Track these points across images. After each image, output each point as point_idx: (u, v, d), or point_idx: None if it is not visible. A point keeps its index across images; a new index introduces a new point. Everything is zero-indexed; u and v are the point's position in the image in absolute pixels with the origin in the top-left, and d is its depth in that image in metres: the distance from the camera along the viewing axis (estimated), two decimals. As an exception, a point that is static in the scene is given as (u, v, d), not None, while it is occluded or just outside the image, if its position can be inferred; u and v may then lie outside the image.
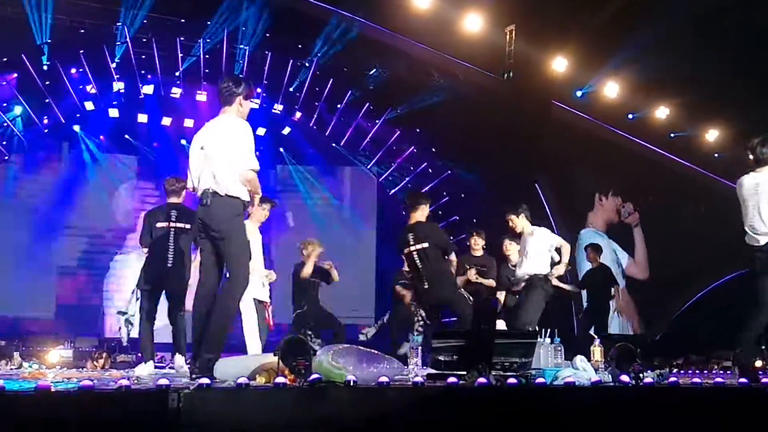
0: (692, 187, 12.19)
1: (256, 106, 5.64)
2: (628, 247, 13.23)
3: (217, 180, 4.45)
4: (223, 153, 4.55)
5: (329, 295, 8.68)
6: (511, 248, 8.02)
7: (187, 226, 6.32)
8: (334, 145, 14.52)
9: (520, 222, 6.94)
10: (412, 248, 6.75)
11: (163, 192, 7.00)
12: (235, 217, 4.48)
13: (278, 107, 13.65)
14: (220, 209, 4.43)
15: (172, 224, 6.46)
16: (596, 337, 5.07)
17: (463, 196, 13.61)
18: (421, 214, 6.93)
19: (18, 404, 2.87)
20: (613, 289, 9.63)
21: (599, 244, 10.23)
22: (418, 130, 13.77)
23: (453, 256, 7.11)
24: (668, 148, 12.34)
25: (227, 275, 4.50)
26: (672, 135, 12.21)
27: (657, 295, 12.54)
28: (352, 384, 3.44)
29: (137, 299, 6.92)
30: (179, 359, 6.39)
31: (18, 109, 12.01)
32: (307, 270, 8.02)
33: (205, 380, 3.30)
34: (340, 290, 8.86)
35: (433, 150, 13.94)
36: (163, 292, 6.49)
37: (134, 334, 8.41)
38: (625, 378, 3.99)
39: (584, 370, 4.23)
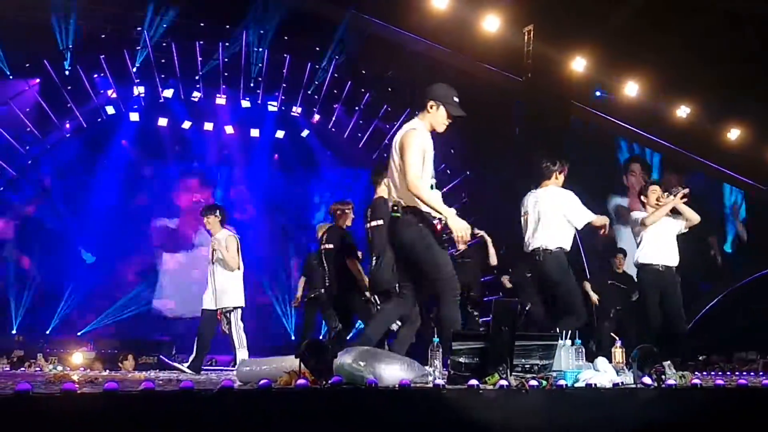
0: (714, 185, 12.09)
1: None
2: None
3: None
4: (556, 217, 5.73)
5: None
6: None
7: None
8: (351, 147, 14.57)
9: None
10: (367, 225, 6.52)
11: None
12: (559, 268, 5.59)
13: (297, 110, 13.71)
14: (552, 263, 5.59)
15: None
16: (617, 338, 5.03)
17: (481, 197, 13.58)
18: (384, 189, 6.68)
19: (45, 406, 2.91)
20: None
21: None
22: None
23: None
24: (690, 147, 12.25)
25: None
26: (691, 133, 12.12)
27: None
28: (373, 386, 3.46)
29: None
30: None
31: (41, 113, 12.16)
32: None
33: (228, 382, 3.33)
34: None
35: (452, 151, 13.92)
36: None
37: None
38: (647, 380, 3.97)
39: (605, 372, 4.22)
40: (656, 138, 11.94)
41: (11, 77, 11.21)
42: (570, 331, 4.76)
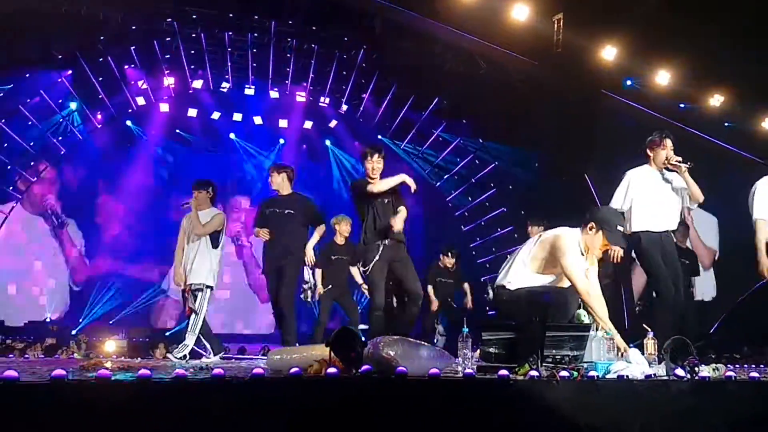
0: (748, 175, 11.83)
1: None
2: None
3: None
4: None
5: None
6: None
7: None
8: (380, 137, 14.55)
9: None
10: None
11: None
12: None
13: (325, 100, 13.73)
14: None
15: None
16: (649, 329, 4.97)
17: (510, 188, 13.50)
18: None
19: (80, 392, 2.95)
20: None
21: None
22: (464, 121, 13.70)
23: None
24: (723, 138, 12.02)
25: None
26: (726, 124, 11.90)
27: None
28: (403, 375, 3.46)
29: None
30: None
31: (73, 105, 12.34)
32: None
33: (259, 370, 3.36)
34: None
35: (480, 141, 13.85)
36: None
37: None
38: (680, 372, 3.93)
39: (638, 364, 4.18)
40: (691, 129, 11.73)
41: (45, 69, 11.37)
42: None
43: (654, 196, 5.79)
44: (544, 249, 4.72)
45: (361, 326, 7.00)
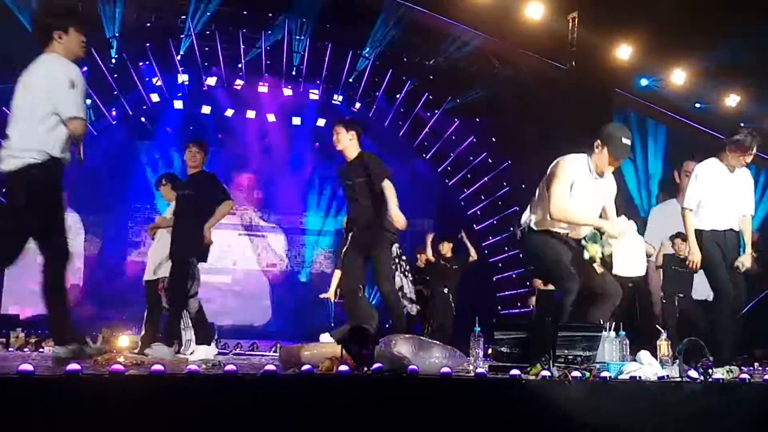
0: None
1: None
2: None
3: None
4: None
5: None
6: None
7: None
8: (392, 135, 14.56)
9: None
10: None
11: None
12: None
13: (338, 98, 13.74)
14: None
15: None
16: (662, 330, 4.94)
17: (523, 187, 13.46)
18: None
19: (93, 387, 2.97)
20: None
21: None
22: (477, 120, 13.68)
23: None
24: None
25: None
26: (742, 124, 11.81)
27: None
28: (414, 374, 3.46)
29: None
30: None
31: (87, 102, 12.40)
32: None
33: (271, 367, 3.37)
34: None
35: (493, 139, 13.82)
36: None
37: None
38: (693, 373, 3.90)
39: (650, 365, 4.15)
40: (707, 129, 11.65)
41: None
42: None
43: (720, 192, 5.49)
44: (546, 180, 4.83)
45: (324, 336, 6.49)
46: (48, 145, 4.07)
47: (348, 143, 5.91)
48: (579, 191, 4.74)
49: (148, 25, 11.35)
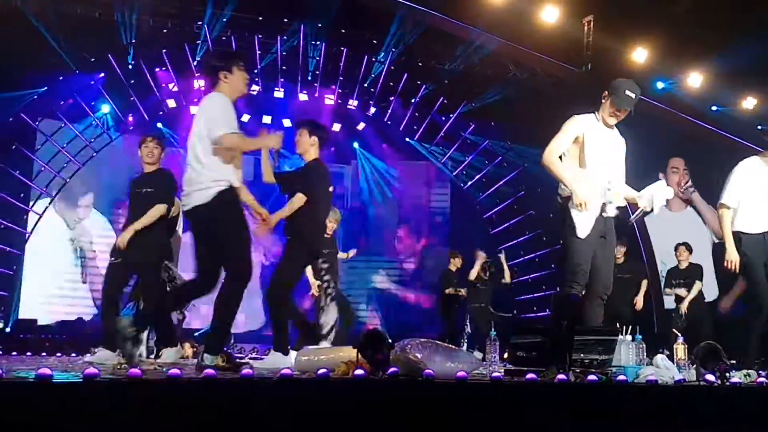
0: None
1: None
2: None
3: None
4: None
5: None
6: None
7: None
8: (407, 139, 14.56)
9: None
10: None
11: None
12: None
13: (353, 103, 13.77)
14: None
15: None
16: (679, 334, 4.92)
17: (539, 190, 13.42)
18: None
19: (111, 391, 3.00)
20: None
21: None
22: (492, 124, 13.65)
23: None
24: (755, 140, 11.84)
25: None
26: (759, 127, 11.72)
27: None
28: (430, 378, 3.46)
29: None
30: None
31: (105, 108, 12.53)
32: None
33: (287, 371, 3.38)
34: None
35: (508, 142, 13.80)
36: None
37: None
38: (710, 377, 3.88)
39: (667, 369, 4.13)
40: (724, 132, 11.57)
41: (77, 71, 11.56)
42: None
43: (761, 192, 5.25)
44: None
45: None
46: (227, 171, 4.37)
47: (308, 147, 6.02)
48: (591, 142, 4.84)
49: (164, 31, 11.43)
